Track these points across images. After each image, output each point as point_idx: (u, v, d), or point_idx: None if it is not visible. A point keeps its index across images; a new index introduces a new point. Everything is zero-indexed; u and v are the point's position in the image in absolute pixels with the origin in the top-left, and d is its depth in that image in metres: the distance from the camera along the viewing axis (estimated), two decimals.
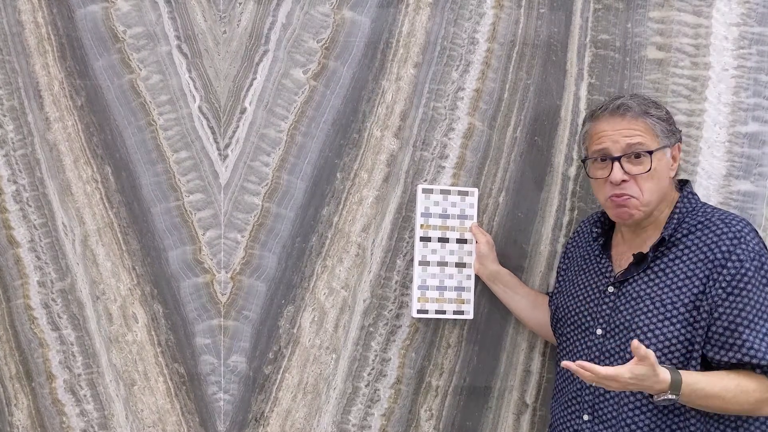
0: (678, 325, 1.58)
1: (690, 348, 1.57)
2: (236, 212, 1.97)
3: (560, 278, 1.89)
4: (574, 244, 1.89)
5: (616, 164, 1.64)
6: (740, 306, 1.55)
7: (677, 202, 1.68)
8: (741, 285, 1.55)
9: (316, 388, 1.99)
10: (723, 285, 1.56)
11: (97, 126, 1.95)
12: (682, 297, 1.59)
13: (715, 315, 1.56)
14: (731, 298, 1.55)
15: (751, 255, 1.56)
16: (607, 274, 1.73)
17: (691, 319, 1.57)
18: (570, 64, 1.99)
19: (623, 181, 1.63)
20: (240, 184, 1.97)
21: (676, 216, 1.66)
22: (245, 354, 1.98)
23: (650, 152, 1.63)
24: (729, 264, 1.56)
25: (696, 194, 1.72)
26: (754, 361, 1.53)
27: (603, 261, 1.75)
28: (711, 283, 1.57)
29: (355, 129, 1.98)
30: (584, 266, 1.80)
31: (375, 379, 2.00)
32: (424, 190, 1.94)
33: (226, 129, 1.97)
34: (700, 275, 1.58)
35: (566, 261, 1.90)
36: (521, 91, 2.00)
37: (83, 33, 1.94)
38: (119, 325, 1.97)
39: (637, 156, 1.63)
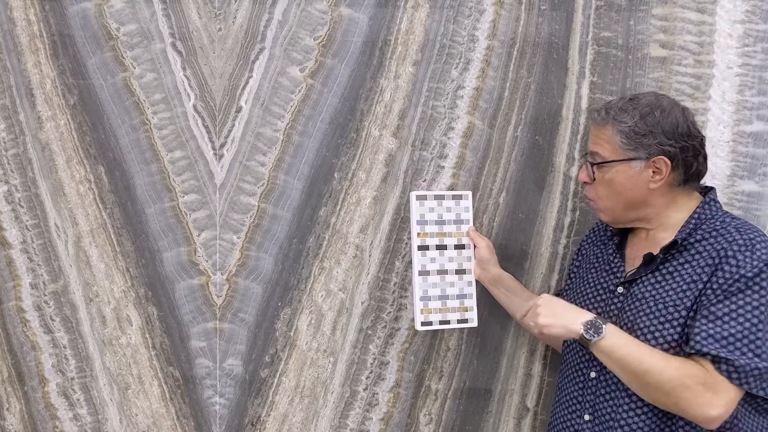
0: (678, 328, 1.57)
1: None
2: (232, 213, 1.95)
3: (572, 275, 1.88)
4: (589, 241, 1.88)
5: (584, 165, 1.73)
6: (720, 306, 1.53)
7: (697, 207, 1.67)
8: (732, 289, 1.53)
9: (314, 392, 1.97)
10: (714, 287, 1.55)
11: (90, 125, 1.93)
12: (684, 300, 1.58)
13: (698, 315, 1.55)
14: (718, 300, 1.54)
15: (753, 263, 1.54)
16: (618, 274, 1.72)
17: (690, 321, 1.56)
18: (571, 62, 1.97)
19: (586, 183, 1.72)
20: (236, 184, 1.95)
21: (693, 221, 1.65)
22: (241, 357, 1.96)
23: (593, 163, 1.68)
24: (726, 267, 1.55)
25: (718, 202, 1.69)
26: (697, 346, 1.50)
27: (615, 260, 1.75)
28: (709, 284, 1.56)
29: (353, 128, 1.96)
30: (596, 264, 1.79)
31: (373, 383, 1.98)
32: (418, 197, 1.88)
33: (221, 128, 1.94)
34: (704, 279, 1.57)
35: (579, 258, 1.89)
36: (522, 89, 1.97)
37: (76, 30, 1.91)
38: (113, 327, 1.95)
39: (593, 164, 1.69)
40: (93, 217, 1.94)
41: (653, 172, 1.64)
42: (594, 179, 1.68)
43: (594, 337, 1.54)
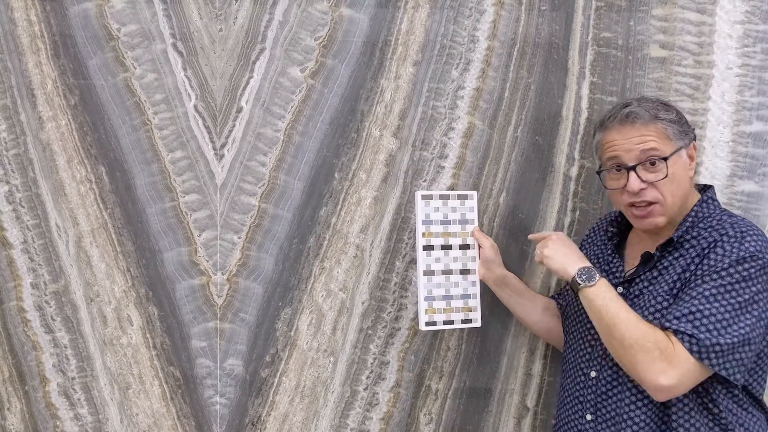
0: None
1: None
2: (232, 213, 1.95)
3: None
4: (590, 241, 1.88)
5: (632, 174, 1.63)
6: (697, 288, 1.55)
7: (694, 205, 1.67)
8: (714, 275, 1.54)
9: (314, 391, 1.97)
10: (698, 273, 1.57)
11: (90, 125, 1.93)
12: (674, 290, 1.60)
13: (677, 299, 1.57)
14: (696, 285, 1.55)
15: (740, 252, 1.54)
16: (618, 274, 1.73)
17: None
18: (572, 63, 1.97)
19: (644, 187, 1.63)
20: (236, 184, 1.95)
21: (689, 219, 1.65)
22: (242, 357, 1.96)
23: (665, 158, 1.61)
24: (712, 255, 1.56)
25: (717, 201, 1.69)
26: (663, 320, 1.55)
27: (615, 261, 1.75)
28: (694, 271, 1.58)
29: (354, 128, 1.96)
30: (597, 264, 1.79)
31: (373, 383, 1.98)
32: (424, 197, 1.87)
33: (222, 128, 1.94)
34: (692, 268, 1.59)
35: None
36: (522, 90, 1.97)
37: (77, 31, 1.92)
38: (114, 327, 1.95)
39: (653, 163, 1.62)
40: (94, 217, 1.94)
41: (689, 157, 1.66)
42: (666, 175, 1.61)
43: (584, 282, 1.61)
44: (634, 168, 1.63)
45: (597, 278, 1.61)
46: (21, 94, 1.92)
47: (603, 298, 1.59)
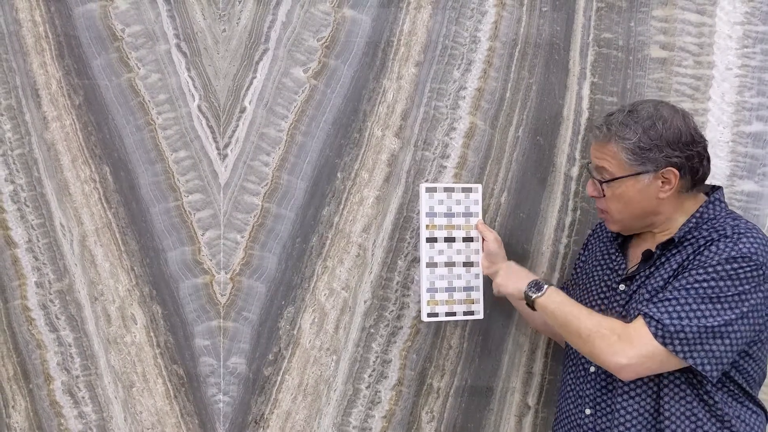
0: None
1: None
2: (236, 212, 1.96)
3: (578, 269, 1.90)
4: (595, 236, 1.89)
5: (591, 180, 1.73)
6: (680, 279, 1.57)
7: (700, 206, 1.68)
8: (700, 269, 1.56)
9: (317, 389, 1.98)
10: (690, 268, 1.58)
11: (95, 125, 1.94)
12: (667, 285, 1.61)
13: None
14: (682, 277, 1.57)
15: (732, 252, 1.55)
16: (620, 272, 1.74)
17: None
18: (572, 63, 1.98)
19: (595, 196, 1.72)
20: (240, 184, 1.96)
21: (693, 220, 1.66)
22: (245, 355, 1.97)
23: (603, 181, 1.67)
24: (706, 252, 1.58)
25: (724, 202, 1.70)
26: (641, 307, 1.59)
27: (618, 259, 1.77)
28: (684, 265, 1.60)
29: (356, 128, 1.97)
30: (601, 261, 1.81)
31: (376, 381, 1.99)
32: (428, 189, 1.88)
33: (225, 128, 1.95)
34: (686, 264, 1.61)
35: (585, 254, 1.90)
36: (523, 90, 1.98)
37: (81, 31, 1.92)
38: (118, 326, 1.96)
39: (599, 180, 1.69)
40: (98, 217, 1.95)
41: (662, 182, 1.64)
42: (603, 195, 1.68)
43: (534, 294, 1.70)
44: (593, 176, 1.72)
45: (545, 287, 1.70)
46: (26, 94, 1.93)
47: (554, 302, 1.67)
